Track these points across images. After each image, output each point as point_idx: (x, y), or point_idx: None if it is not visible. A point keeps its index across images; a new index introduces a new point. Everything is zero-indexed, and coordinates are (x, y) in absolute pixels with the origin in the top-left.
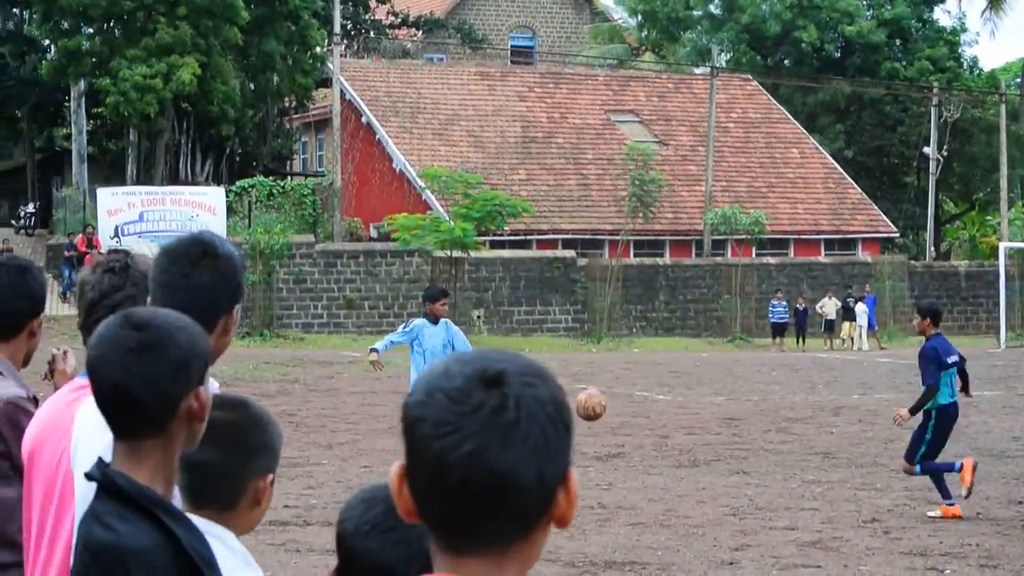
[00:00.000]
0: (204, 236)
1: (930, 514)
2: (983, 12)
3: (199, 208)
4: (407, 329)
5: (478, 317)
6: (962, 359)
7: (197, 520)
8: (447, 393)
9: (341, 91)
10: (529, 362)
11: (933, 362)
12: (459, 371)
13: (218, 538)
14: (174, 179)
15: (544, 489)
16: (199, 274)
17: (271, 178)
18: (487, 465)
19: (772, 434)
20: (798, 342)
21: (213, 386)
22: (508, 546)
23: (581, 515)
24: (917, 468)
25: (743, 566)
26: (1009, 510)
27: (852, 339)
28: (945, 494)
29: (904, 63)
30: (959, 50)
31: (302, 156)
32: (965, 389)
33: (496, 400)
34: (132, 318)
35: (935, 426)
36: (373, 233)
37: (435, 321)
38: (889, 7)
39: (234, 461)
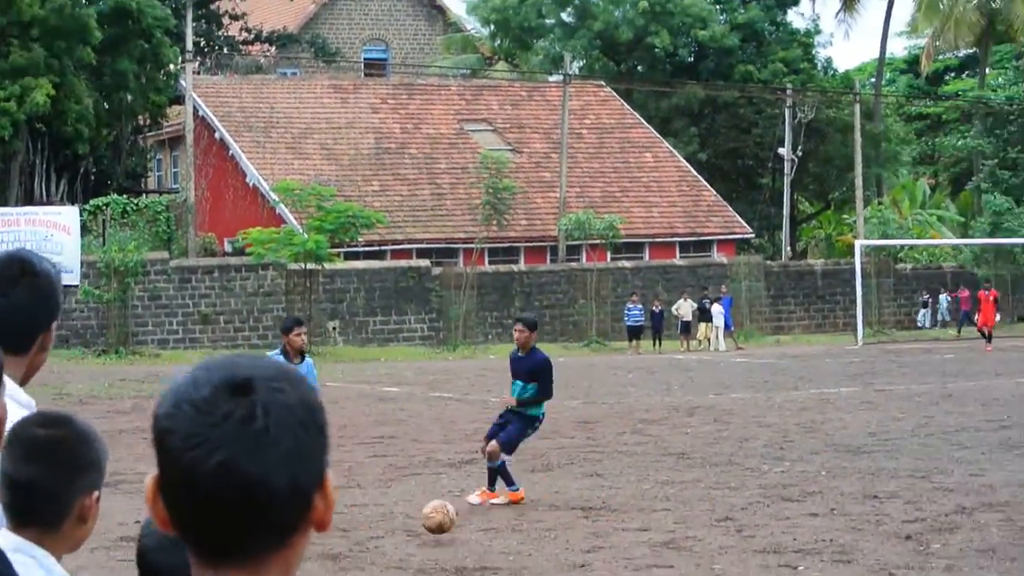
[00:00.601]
0: (21, 254)
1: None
2: (837, 13)
3: (53, 228)
4: None
5: (333, 328)
6: None
7: (13, 540)
8: (194, 403)
9: (194, 107)
10: (278, 367)
11: None
12: (206, 380)
13: (36, 559)
14: (29, 199)
15: (300, 495)
16: (16, 294)
17: (126, 196)
18: (238, 475)
19: (627, 436)
20: (655, 344)
21: (28, 403)
22: (267, 555)
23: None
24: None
25: (595, 568)
26: (864, 505)
27: (708, 340)
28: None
29: (758, 66)
30: (813, 52)
31: (157, 173)
32: None
33: (244, 409)
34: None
35: None
36: (228, 248)
37: (296, 355)
38: (742, 11)
39: (60, 479)
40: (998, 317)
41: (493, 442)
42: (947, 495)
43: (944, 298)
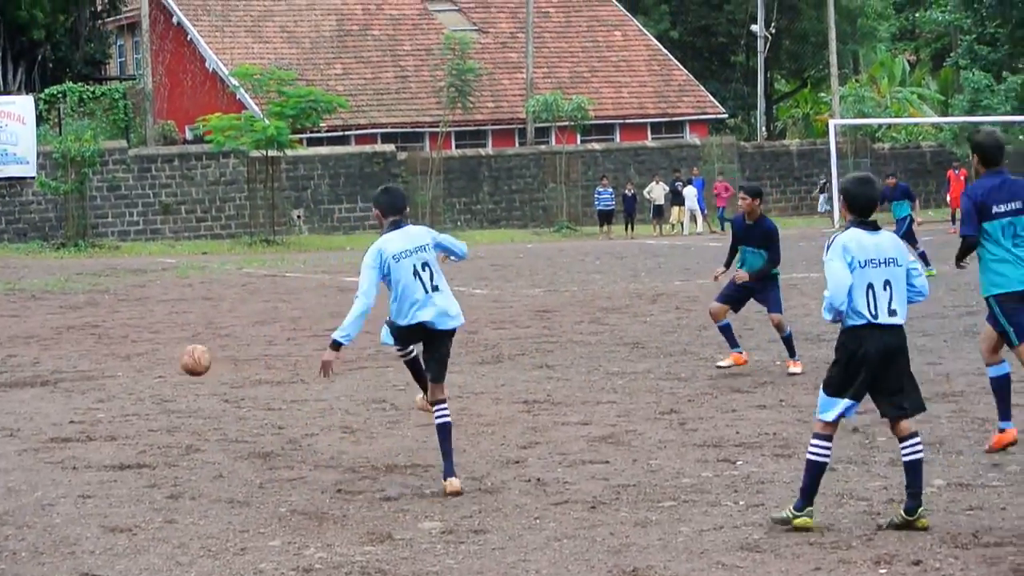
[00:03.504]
0: None
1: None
2: None
3: (7, 118)
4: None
5: (298, 217)
6: None
7: None
8: None
9: None
10: None
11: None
12: None
13: None
14: None
15: None
16: None
17: (84, 84)
18: None
19: (584, 325)
20: (626, 229)
21: None
22: None
23: (370, 418)
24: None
25: (529, 464)
26: (813, 397)
27: (682, 224)
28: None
29: None
30: None
31: (119, 60)
32: None
33: None
34: None
35: None
36: (188, 136)
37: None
38: None
39: None
40: None
41: (777, 315)
42: None
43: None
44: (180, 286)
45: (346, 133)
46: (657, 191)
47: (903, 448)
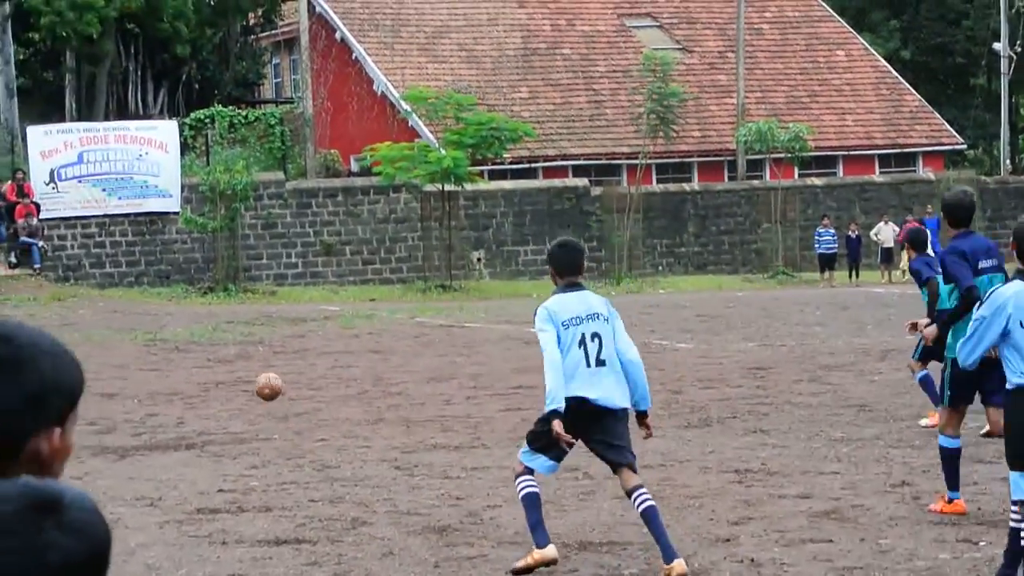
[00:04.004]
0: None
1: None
2: None
3: (147, 146)
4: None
5: (478, 260)
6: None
7: None
8: None
9: (310, 3)
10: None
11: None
12: None
13: None
14: (123, 113)
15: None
16: None
17: (235, 107)
18: None
19: (803, 385)
20: (850, 275)
21: None
22: None
23: (561, 488)
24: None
25: (740, 543)
26: None
27: None
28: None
29: None
30: None
31: (274, 81)
32: None
33: None
34: None
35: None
36: (353, 167)
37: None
38: None
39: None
40: None
41: None
42: None
43: None
44: (344, 337)
45: (533, 165)
46: (885, 232)
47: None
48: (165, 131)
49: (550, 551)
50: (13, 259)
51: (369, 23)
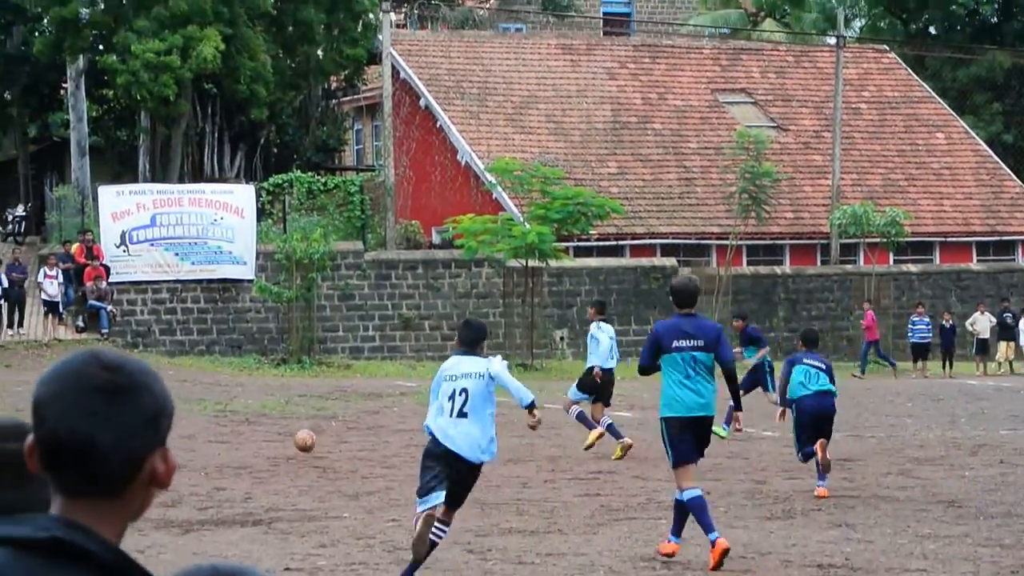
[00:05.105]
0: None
1: None
2: None
3: (223, 210)
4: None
5: (561, 339)
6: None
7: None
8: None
9: (394, 68)
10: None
11: None
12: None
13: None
14: (198, 175)
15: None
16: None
17: (315, 173)
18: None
19: (891, 478)
20: (944, 366)
21: None
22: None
23: None
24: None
25: None
26: None
27: (1010, 363)
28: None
29: None
30: None
31: (355, 147)
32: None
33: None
34: (101, 357)
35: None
36: (435, 239)
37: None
38: None
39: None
40: None
41: None
42: None
43: None
44: (420, 414)
45: (620, 243)
46: (982, 323)
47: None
48: (242, 195)
49: None
50: (81, 323)
51: (455, 91)
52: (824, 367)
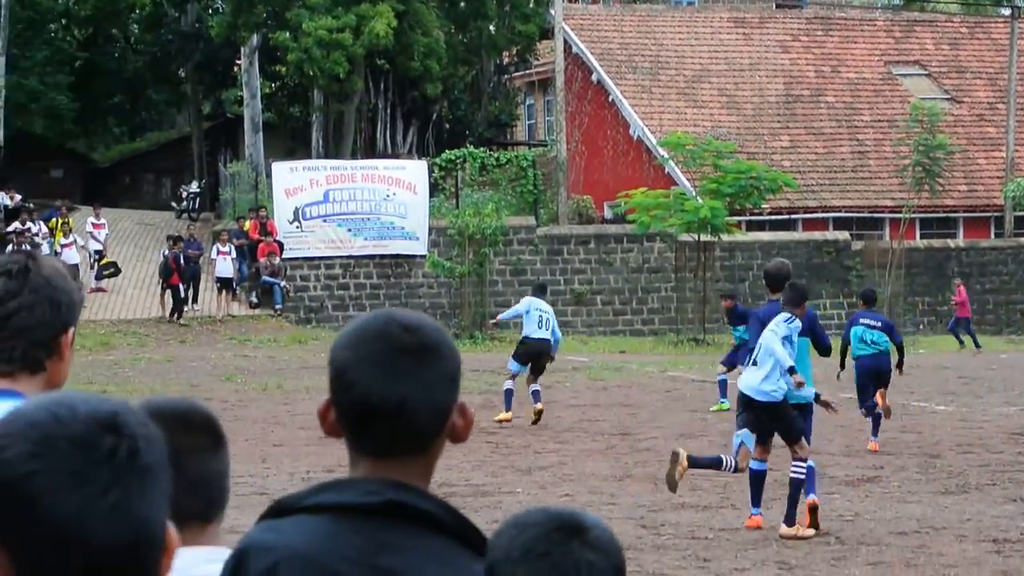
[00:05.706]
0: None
1: None
2: None
3: (396, 186)
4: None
5: None
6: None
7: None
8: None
9: (566, 43)
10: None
11: None
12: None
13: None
14: (371, 151)
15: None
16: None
17: (487, 149)
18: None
19: None
20: None
21: None
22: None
23: (811, 552)
24: None
25: None
26: None
27: None
28: None
29: None
30: None
31: (527, 122)
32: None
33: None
34: (399, 318)
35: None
36: (606, 214)
37: None
38: None
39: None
40: None
41: None
42: None
43: None
44: (593, 389)
45: (792, 217)
46: None
47: None
48: (414, 171)
49: None
50: (255, 299)
51: (627, 65)
52: (880, 324)
